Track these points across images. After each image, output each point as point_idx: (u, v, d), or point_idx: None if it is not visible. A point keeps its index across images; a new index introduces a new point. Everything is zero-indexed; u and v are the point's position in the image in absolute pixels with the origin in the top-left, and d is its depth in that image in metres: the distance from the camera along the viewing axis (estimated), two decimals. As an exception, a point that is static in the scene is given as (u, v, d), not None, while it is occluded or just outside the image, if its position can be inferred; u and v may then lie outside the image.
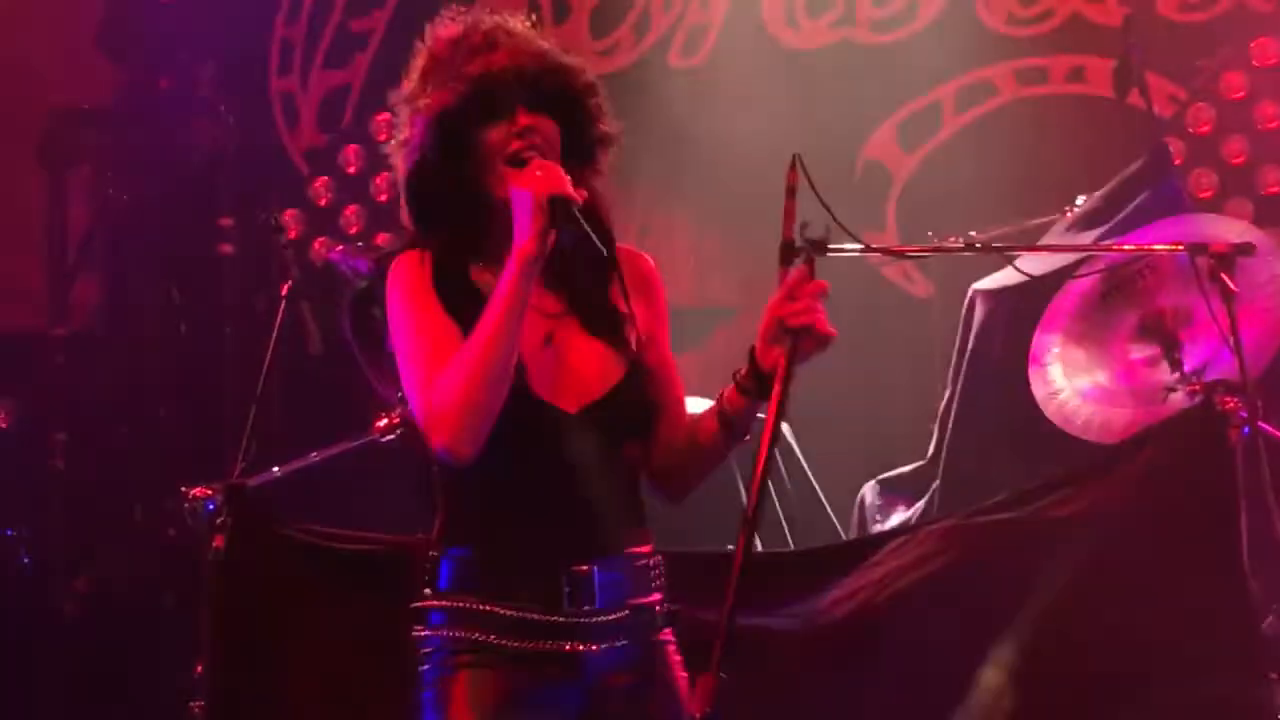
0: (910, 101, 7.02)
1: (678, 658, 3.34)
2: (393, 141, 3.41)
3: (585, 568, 3.23)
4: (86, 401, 7.19)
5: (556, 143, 3.31)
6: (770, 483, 3.66)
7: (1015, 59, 6.92)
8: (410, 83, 3.40)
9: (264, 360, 5.28)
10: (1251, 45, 6.64)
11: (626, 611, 3.26)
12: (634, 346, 3.35)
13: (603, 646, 3.24)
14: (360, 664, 4.14)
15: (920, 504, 5.85)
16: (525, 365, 3.22)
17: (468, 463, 3.17)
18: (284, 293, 5.48)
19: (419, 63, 3.40)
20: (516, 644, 3.21)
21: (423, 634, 3.27)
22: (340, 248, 6.72)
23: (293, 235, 7.32)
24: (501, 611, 3.21)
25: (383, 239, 7.37)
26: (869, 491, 6.09)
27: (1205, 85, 6.66)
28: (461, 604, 3.24)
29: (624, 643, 3.26)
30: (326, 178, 7.62)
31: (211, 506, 4.47)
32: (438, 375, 3.17)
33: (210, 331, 7.07)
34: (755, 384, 3.24)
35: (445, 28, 3.41)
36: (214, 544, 4.30)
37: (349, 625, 4.16)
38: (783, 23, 7.20)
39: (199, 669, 4.68)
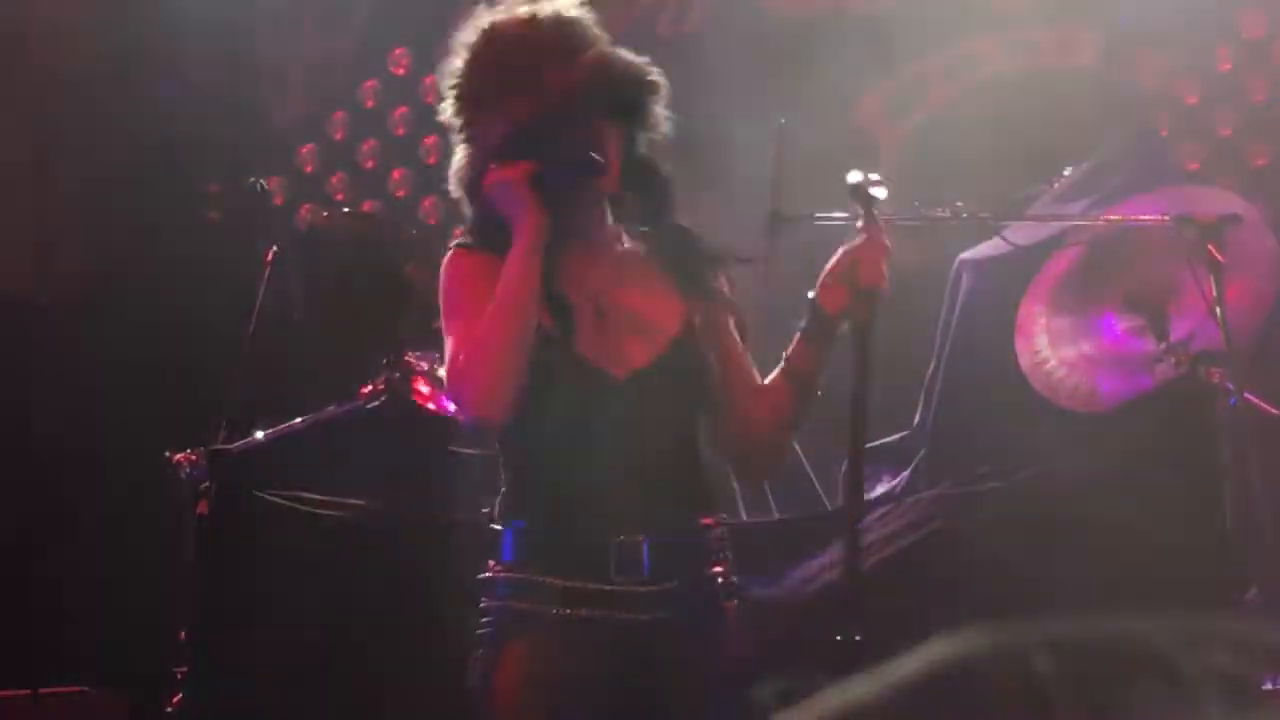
0: (899, 72, 7.01)
1: (734, 632, 3.36)
2: (453, 128, 3.34)
3: (636, 538, 3.25)
4: (70, 367, 7.17)
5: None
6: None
7: (1004, 31, 6.91)
8: (463, 64, 3.33)
9: (248, 326, 5.28)
10: (1240, 17, 6.63)
11: (675, 582, 3.27)
12: (690, 307, 3.35)
13: (653, 615, 3.26)
14: (342, 629, 4.15)
15: (905, 474, 5.85)
16: (576, 332, 3.24)
17: (494, 426, 3.23)
18: (268, 259, 5.47)
19: (476, 48, 3.33)
20: (567, 611, 3.23)
21: (487, 605, 3.32)
22: (326, 214, 6.71)
23: (279, 201, 7.29)
24: (553, 582, 3.25)
25: (369, 206, 7.35)
26: (854, 461, 6.07)
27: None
28: (520, 575, 3.28)
29: (675, 611, 3.27)
30: (313, 144, 7.59)
31: (195, 472, 4.46)
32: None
33: (194, 297, 7.05)
34: (820, 328, 3.25)
35: (504, 18, 3.34)
36: (197, 509, 4.29)
37: (331, 591, 4.17)
38: (773, -9, 7.18)
39: (182, 635, 4.69)
